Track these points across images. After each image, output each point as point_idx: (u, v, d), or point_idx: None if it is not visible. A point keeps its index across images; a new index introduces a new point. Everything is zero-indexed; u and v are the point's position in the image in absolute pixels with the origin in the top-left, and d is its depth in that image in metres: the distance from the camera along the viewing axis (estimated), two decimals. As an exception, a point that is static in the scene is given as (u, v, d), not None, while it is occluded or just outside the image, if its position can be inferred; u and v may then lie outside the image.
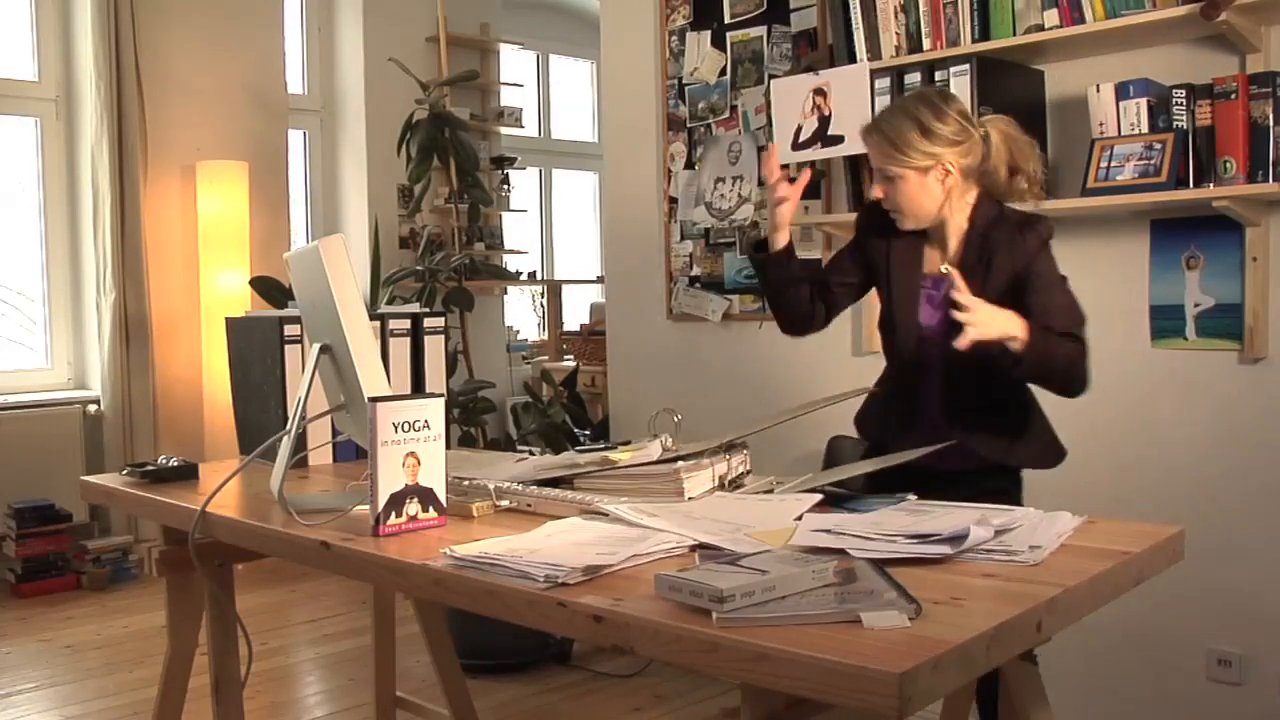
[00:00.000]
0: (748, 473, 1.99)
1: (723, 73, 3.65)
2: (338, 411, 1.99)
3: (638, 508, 1.70)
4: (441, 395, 1.74)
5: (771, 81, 3.33)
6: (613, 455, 1.92)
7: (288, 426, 1.94)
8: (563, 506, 1.79)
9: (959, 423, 2.15)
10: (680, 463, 1.86)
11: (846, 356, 3.37)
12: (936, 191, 2.11)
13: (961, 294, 1.91)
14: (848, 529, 1.56)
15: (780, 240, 2.29)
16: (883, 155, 2.12)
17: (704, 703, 3.23)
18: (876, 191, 2.19)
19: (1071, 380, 2.05)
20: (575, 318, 7.43)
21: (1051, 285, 2.09)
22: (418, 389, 2.46)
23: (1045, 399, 2.20)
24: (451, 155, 4.52)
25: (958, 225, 2.16)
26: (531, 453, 3.41)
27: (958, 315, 1.90)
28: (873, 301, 3.22)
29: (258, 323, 2.47)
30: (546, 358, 6.80)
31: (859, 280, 2.34)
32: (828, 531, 1.55)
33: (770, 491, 1.88)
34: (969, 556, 1.46)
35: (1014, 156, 2.15)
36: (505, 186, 6.78)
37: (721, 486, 1.90)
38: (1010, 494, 2.19)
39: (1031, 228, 2.12)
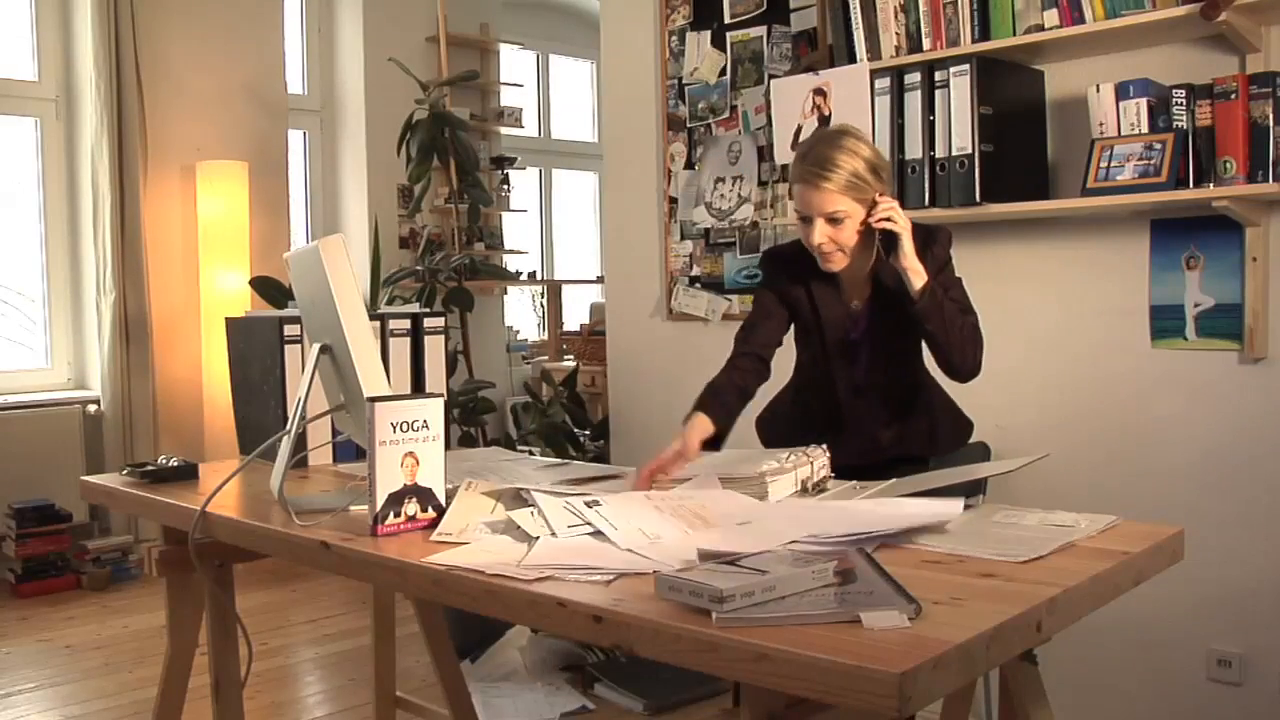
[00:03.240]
0: (830, 477, 1.98)
1: (723, 73, 3.65)
2: (338, 411, 1.99)
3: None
4: (441, 395, 1.74)
5: (771, 81, 3.33)
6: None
7: (288, 426, 1.94)
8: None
9: (891, 433, 2.32)
10: (766, 465, 1.86)
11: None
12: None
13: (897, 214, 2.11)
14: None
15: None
16: (839, 197, 2.09)
17: (704, 702, 3.23)
18: (820, 237, 2.13)
19: (967, 349, 2.17)
20: (575, 318, 7.43)
21: (953, 286, 2.22)
22: (418, 389, 2.46)
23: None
24: (451, 155, 4.51)
25: (863, 252, 2.19)
26: (532, 453, 3.42)
27: (887, 224, 2.10)
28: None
29: (258, 323, 2.47)
30: (546, 358, 6.80)
31: (787, 328, 2.36)
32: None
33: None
34: (968, 557, 1.46)
35: None
36: (505, 186, 6.78)
37: (804, 490, 1.90)
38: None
39: (936, 239, 2.22)
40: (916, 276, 2.11)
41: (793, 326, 2.36)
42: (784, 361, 2.41)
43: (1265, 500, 2.61)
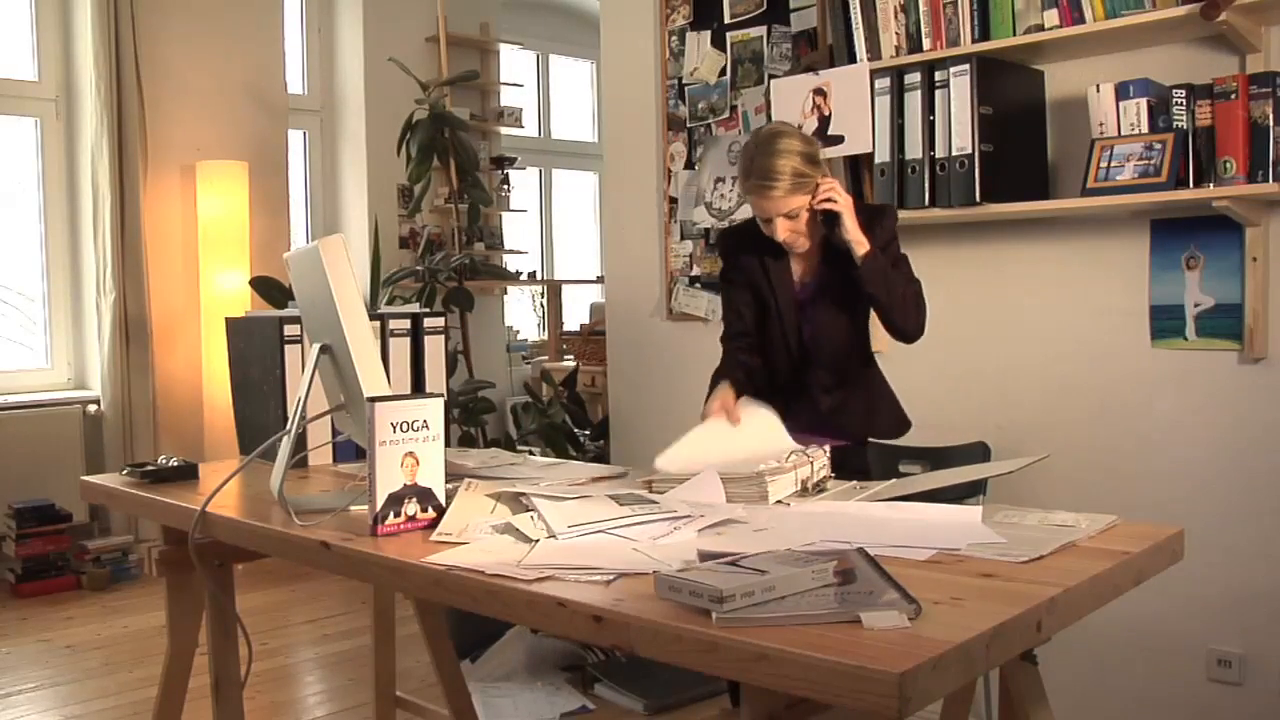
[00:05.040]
0: (830, 477, 1.97)
1: (723, 73, 3.65)
2: (338, 411, 1.99)
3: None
4: (441, 395, 1.74)
5: (771, 81, 3.33)
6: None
7: (288, 426, 1.94)
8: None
9: (832, 401, 2.48)
10: (765, 465, 1.86)
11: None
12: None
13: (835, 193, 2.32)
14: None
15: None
16: (790, 199, 2.30)
17: (704, 702, 3.23)
18: (783, 234, 2.34)
19: (909, 310, 2.35)
20: (575, 318, 7.43)
21: (899, 261, 2.41)
22: (418, 389, 2.46)
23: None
24: (451, 155, 4.52)
25: (816, 228, 2.40)
26: (532, 453, 3.42)
27: (828, 205, 2.31)
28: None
29: (258, 323, 2.47)
30: (546, 358, 6.80)
31: (757, 311, 2.54)
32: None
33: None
34: (968, 557, 1.46)
35: None
36: (505, 186, 6.78)
37: (804, 490, 1.89)
38: (866, 473, 2.43)
39: (884, 216, 2.43)
40: (859, 245, 2.31)
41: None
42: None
43: (1265, 500, 2.61)
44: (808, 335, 2.48)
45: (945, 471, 2.13)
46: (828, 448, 2.02)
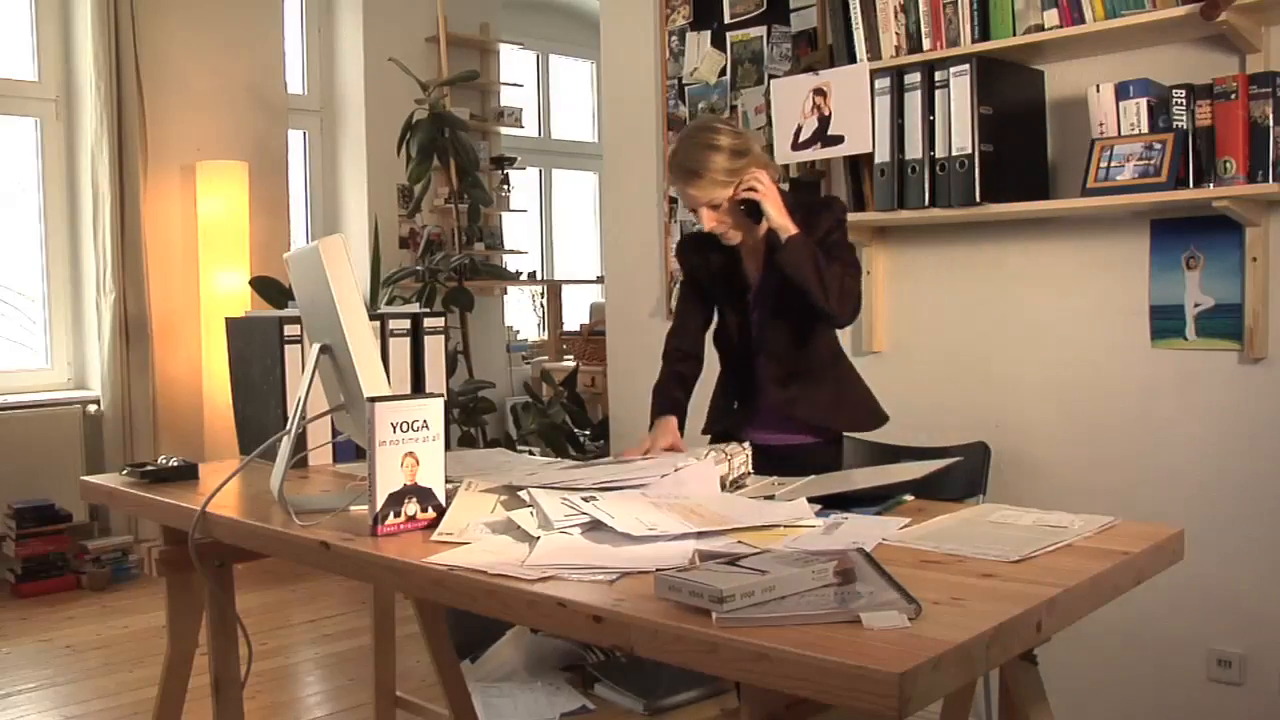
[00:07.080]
0: (748, 474, 1.99)
1: (723, 73, 3.65)
2: (338, 411, 1.99)
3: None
4: (441, 395, 1.74)
5: (771, 81, 3.33)
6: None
7: (288, 426, 1.94)
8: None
9: (788, 394, 2.46)
10: (683, 464, 1.87)
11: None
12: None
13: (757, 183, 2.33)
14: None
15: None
16: (711, 190, 2.33)
17: (704, 702, 3.23)
18: (709, 223, 2.36)
19: (831, 293, 2.31)
20: (575, 318, 7.43)
21: (835, 247, 2.39)
22: (418, 389, 2.46)
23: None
24: (451, 155, 4.52)
25: (751, 223, 2.41)
26: (532, 453, 3.42)
27: (747, 194, 2.32)
28: (878, 302, 3.24)
29: (258, 323, 2.47)
30: (546, 358, 6.80)
31: (710, 313, 2.59)
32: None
33: (772, 497, 1.87)
34: (968, 557, 1.46)
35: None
36: (505, 186, 6.78)
37: (722, 488, 1.90)
38: (834, 466, 2.44)
39: (827, 208, 2.44)
40: (783, 232, 2.32)
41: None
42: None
43: (1265, 500, 2.61)
44: (755, 325, 2.49)
45: (860, 471, 2.15)
46: (748, 445, 2.10)
